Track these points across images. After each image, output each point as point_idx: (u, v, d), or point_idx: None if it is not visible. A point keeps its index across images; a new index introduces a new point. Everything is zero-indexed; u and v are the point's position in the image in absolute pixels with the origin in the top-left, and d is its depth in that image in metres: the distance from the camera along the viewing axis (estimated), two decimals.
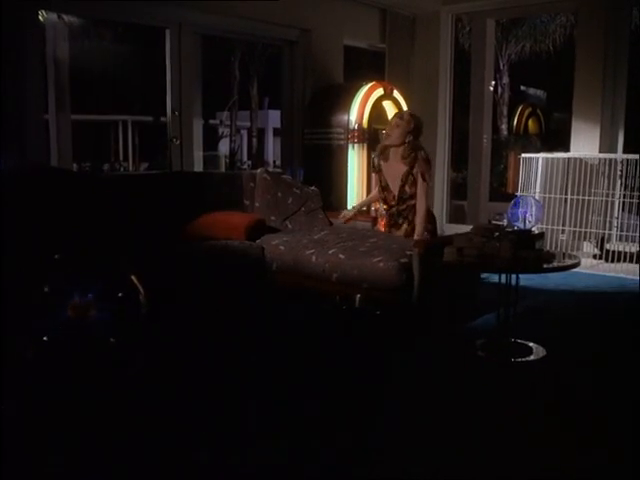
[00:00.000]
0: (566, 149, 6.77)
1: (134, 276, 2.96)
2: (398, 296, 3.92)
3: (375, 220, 4.97)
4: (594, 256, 6.26)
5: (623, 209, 6.13)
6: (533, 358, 3.66)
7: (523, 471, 2.48)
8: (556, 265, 3.64)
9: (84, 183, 4.59)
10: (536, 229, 3.85)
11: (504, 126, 16.29)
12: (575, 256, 3.92)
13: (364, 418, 2.90)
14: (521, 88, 18.19)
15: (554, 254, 3.77)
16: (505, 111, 16.51)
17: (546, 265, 3.59)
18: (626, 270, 5.81)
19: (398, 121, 4.64)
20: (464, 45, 11.52)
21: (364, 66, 10.18)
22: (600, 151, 6.42)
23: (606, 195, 6.10)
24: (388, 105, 6.30)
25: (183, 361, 3.45)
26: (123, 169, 18.27)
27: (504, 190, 12.14)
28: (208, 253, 4.31)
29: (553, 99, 16.79)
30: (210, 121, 19.35)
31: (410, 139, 4.57)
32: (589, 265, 5.98)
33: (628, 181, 5.96)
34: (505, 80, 16.66)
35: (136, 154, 19.59)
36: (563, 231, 6.20)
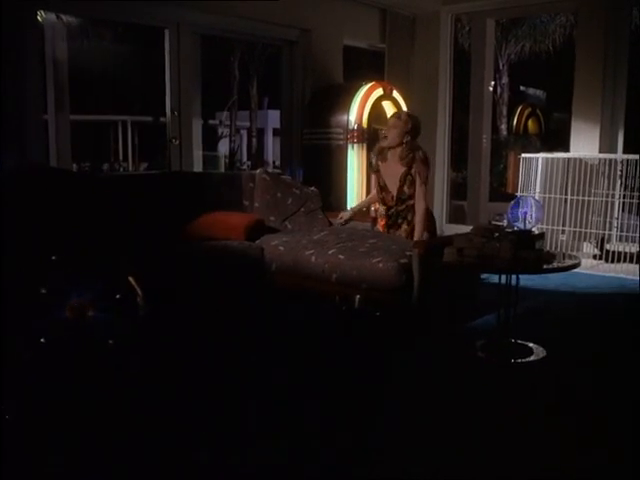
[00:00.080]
0: (566, 149, 6.77)
1: (132, 277, 2.95)
2: (398, 297, 3.92)
3: (375, 220, 4.96)
4: (594, 256, 6.25)
5: (623, 209, 6.12)
6: (533, 359, 3.65)
7: (523, 471, 2.48)
8: (556, 266, 3.63)
9: (83, 183, 4.59)
10: (536, 229, 3.84)
11: (504, 126, 16.28)
12: (575, 256, 3.92)
13: (364, 418, 2.90)
14: (521, 88, 18.19)
15: (554, 255, 3.76)
16: (505, 111, 16.50)
17: (546, 266, 3.58)
18: (626, 270, 5.81)
19: (396, 121, 4.62)
20: (464, 45, 11.51)
21: (364, 66, 10.18)
22: (600, 151, 6.41)
23: (606, 195, 6.09)
24: (388, 105, 6.30)
25: (183, 361, 3.44)
26: (123, 169, 18.26)
27: (504, 190, 12.14)
28: (207, 253, 4.31)
29: (553, 99, 16.80)
30: (209, 121, 19.35)
31: (408, 139, 4.56)
32: (589, 265, 5.97)
33: (628, 181, 5.95)
34: (505, 80, 16.65)
35: (136, 154, 19.58)
36: (563, 231, 6.20)
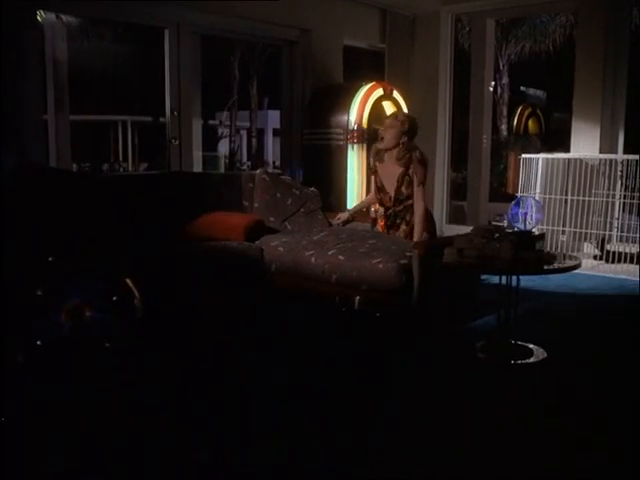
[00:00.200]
0: (566, 149, 6.76)
1: (129, 279, 2.94)
2: (398, 297, 3.90)
3: (375, 221, 4.94)
4: (594, 257, 6.24)
5: (623, 210, 6.11)
6: (533, 360, 3.64)
7: (523, 471, 2.48)
8: (557, 266, 3.62)
9: (83, 183, 4.58)
10: (536, 230, 3.83)
11: (504, 126, 16.28)
12: (576, 257, 3.91)
13: (364, 418, 2.90)
14: (521, 88, 18.18)
15: (555, 255, 3.75)
16: (505, 111, 16.50)
17: (547, 266, 3.57)
18: (626, 271, 5.80)
19: (392, 122, 4.61)
20: (464, 45, 11.50)
21: (364, 66, 10.16)
22: (600, 151, 6.40)
23: (606, 196, 6.09)
24: (388, 105, 6.28)
25: (183, 361, 3.43)
26: (122, 169, 18.26)
27: (504, 190, 12.13)
28: (207, 254, 4.29)
29: (553, 99, 16.79)
30: (209, 121, 19.35)
31: (405, 140, 4.55)
32: (589, 266, 5.96)
33: (628, 182, 5.94)
34: (505, 80, 16.65)
35: (135, 154, 19.58)
36: (563, 232, 6.19)
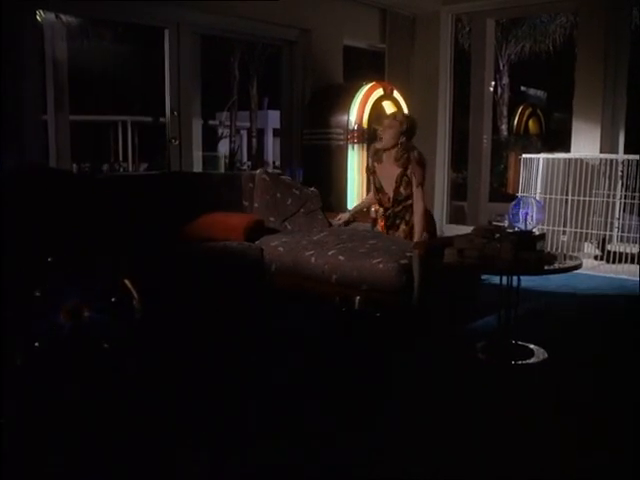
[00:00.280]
0: (567, 150, 6.75)
1: (128, 280, 2.93)
2: (398, 298, 3.90)
3: (375, 221, 4.94)
4: (595, 257, 6.24)
5: (624, 210, 6.10)
6: (534, 360, 3.63)
7: (523, 471, 2.47)
8: (557, 267, 3.61)
9: (83, 184, 4.57)
10: (537, 230, 3.82)
11: (504, 126, 16.27)
12: (577, 257, 3.90)
13: (364, 418, 2.89)
14: (521, 88, 18.18)
15: (555, 256, 3.74)
16: (505, 111, 16.50)
17: (547, 267, 3.56)
18: (627, 271, 5.79)
19: (391, 122, 4.60)
20: (464, 45, 11.49)
21: (364, 66, 10.16)
22: (601, 152, 6.39)
23: (607, 196, 6.08)
24: (388, 105, 6.28)
25: (183, 361, 3.42)
26: (123, 169, 18.26)
27: (504, 191, 12.12)
28: (207, 254, 4.29)
29: (553, 99, 16.79)
30: (210, 121, 19.35)
31: (403, 140, 4.54)
32: (590, 266, 5.95)
33: (629, 182, 5.93)
34: (505, 80, 16.64)
35: (135, 155, 19.58)
36: (564, 232, 6.17)
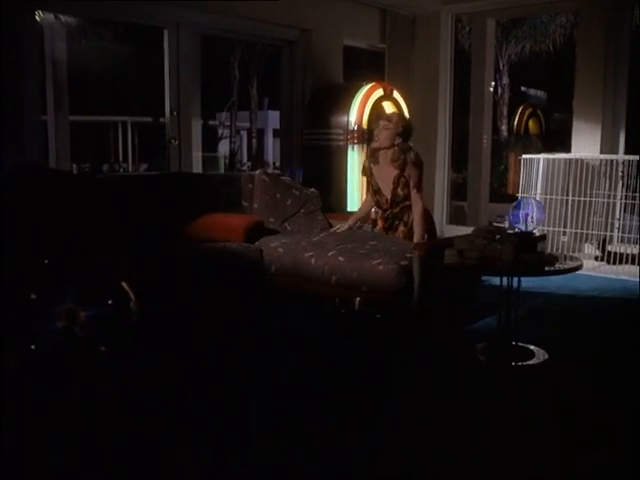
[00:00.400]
0: (567, 150, 6.74)
1: (125, 282, 2.92)
2: (398, 299, 3.88)
3: (375, 222, 4.92)
4: (595, 258, 6.22)
5: (624, 210, 6.09)
6: (534, 361, 3.62)
7: (523, 471, 2.47)
8: (558, 268, 3.60)
9: (83, 184, 4.57)
10: (537, 231, 3.81)
11: (504, 127, 16.28)
12: (577, 258, 3.89)
13: (364, 418, 2.88)
14: (521, 89, 18.18)
15: (556, 256, 3.72)
16: (505, 112, 16.50)
17: (548, 268, 3.55)
18: (628, 272, 5.77)
19: (386, 124, 4.58)
20: (464, 45, 11.49)
21: (364, 66, 10.16)
22: (601, 152, 6.38)
23: (607, 196, 6.07)
24: (388, 106, 6.27)
25: (183, 362, 3.42)
26: (123, 170, 18.26)
27: (504, 191, 12.12)
28: (206, 255, 4.28)
29: (553, 99, 16.79)
30: (210, 122, 19.35)
31: (399, 141, 4.52)
32: (590, 267, 5.94)
33: (629, 182, 5.92)
34: (505, 80, 16.65)
35: (136, 155, 19.58)
36: (564, 233, 6.16)
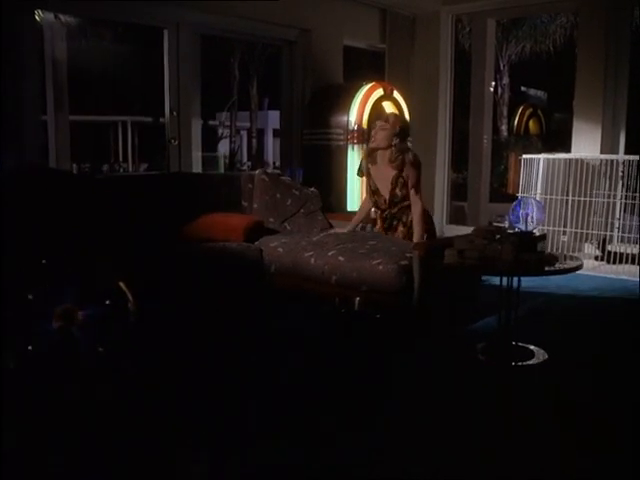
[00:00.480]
0: (567, 150, 6.74)
1: (123, 283, 2.92)
2: (398, 299, 3.88)
3: (375, 222, 4.92)
4: (595, 258, 6.22)
5: (625, 210, 6.09)
6: (534, 361, 3.61)
7: (523, 471, 2.46)
8: (558, 268, 3.60)
9: (82, 184, 4.56)
10: (537, 231, 3.80)
11: (504, 127, 16.27)
12: (577, 258, 3.88)
13: (364, 418, 2.88)
14: (521, 89, 18.18)
15: (556, 256, 3.71)
16: (505, 112, 16.50)
17: (548, 268, 3.55)
18: (628, 272, 5.77)
19: (383, 124, 4.57)
20: (464, 45, 11.49)
21: (364, 66, 10.15)
22: (601, 152, 6.38)
23: (607, 196, 6.06)
24: (388, 105, 6.27)
25: (183, 362, 3.41)
26: (123, 170, 18.25)
27: (504, 191, 12.13)
28: (206, 255, 4.28)
29: (554, 99, 16.79)
30: (210, 122, 19.35)
31: (396, 142, 4.52)
32: (591, 267, 5.93)
33: (630, 182, 5.92)
34: (505, 81, 16.64)
35: (136, 155, 19.58)
36: (564, 232, 6.16)
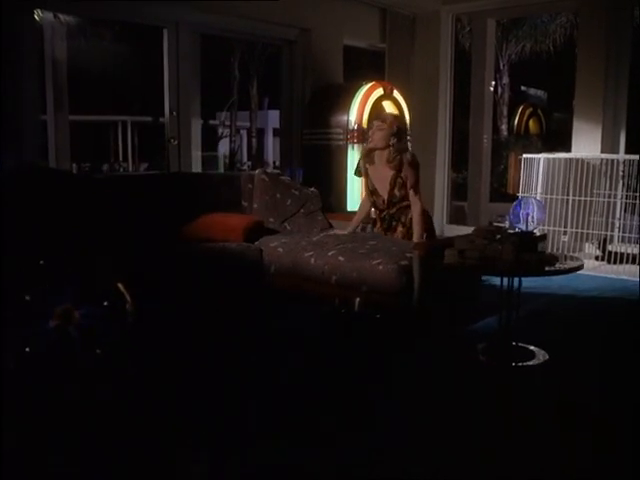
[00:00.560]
0: (567, 149, 6.73)
1: (121, 284, 2.91)
2: (398, 299, 3.87)
3: (375, 222, 4.91)
4: (596, 257, 6.21)
5: (625, 210, 6.08)
6: (535, 362, 3.61)
7: (523, 471, 2.46)
8: (559, 268, 3.59)
9: (82, 184, 4.56)
10: (538, 231, 3.80)
11: (504, 126, 16.26)
12: (578, 258, 3.87)
13: (364, 418, 2.87)
14: (521, 88, 18.17)
15: (557, 256, 3.71)
16: (505, 111, 16.49)
17: (548, 268, 3.54)
18: (628, 272, 5.76)
19: (380, 124, 4.56)
20: (464, 45, 11.48)
21: (364, 66, 10.15)
22: (602, 151, 6.37)
23: (608, 196, 6.05)
24: (388, 105, 6.26)
25: (183, 362, 3.40)
26: (122, 170, 18.25)
27: (504, 191, 12.12)
28: (206, 255, 4.27)
29: (554, 99, 16.78)
30: (210, 121, 19.35)
31: (394, 142, 4.51)
32: (591, 267, 5.92)
33: (630, 182, 5.91)
34: (505, 80, 16.63)
35: (135, 155, 19.58)
36: (565, 232, 6.15)
